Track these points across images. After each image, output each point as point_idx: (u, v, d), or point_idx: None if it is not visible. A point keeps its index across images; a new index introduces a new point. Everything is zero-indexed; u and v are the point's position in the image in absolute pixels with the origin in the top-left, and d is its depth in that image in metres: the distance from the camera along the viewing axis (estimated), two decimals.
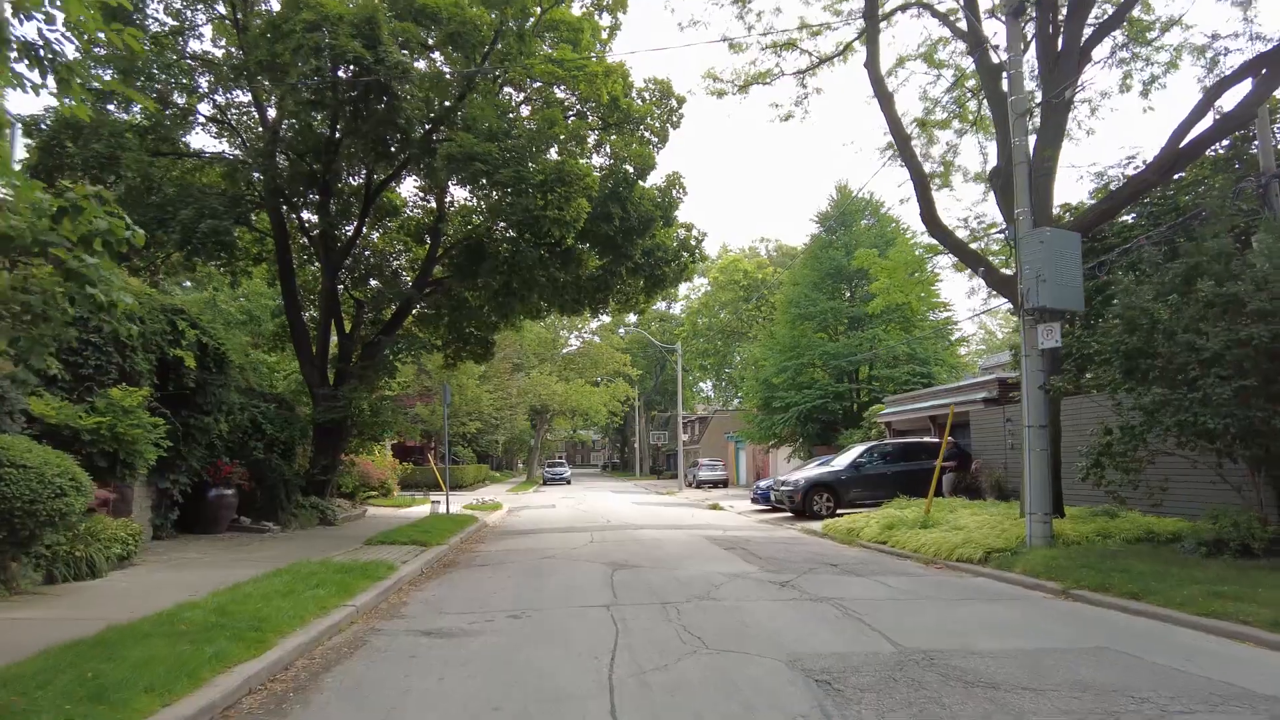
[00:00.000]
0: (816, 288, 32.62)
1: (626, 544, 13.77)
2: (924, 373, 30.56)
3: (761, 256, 55.77)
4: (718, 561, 11.18)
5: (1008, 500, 16.98)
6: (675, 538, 14.91)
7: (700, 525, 18.21)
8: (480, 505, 25.30)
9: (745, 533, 16.33)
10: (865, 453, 19.75)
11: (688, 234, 19.97)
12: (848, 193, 34.55)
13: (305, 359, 18.75)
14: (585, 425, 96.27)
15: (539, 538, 15.45)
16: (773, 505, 22.61)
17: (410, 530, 14.64)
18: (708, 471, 44.64)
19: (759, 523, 19.45)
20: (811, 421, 31.12)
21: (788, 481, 19.71)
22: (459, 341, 21.87)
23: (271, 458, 15.71)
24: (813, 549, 13.18)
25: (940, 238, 13.93)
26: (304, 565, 9.44)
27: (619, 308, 22.20)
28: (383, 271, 20.10)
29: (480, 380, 43.22)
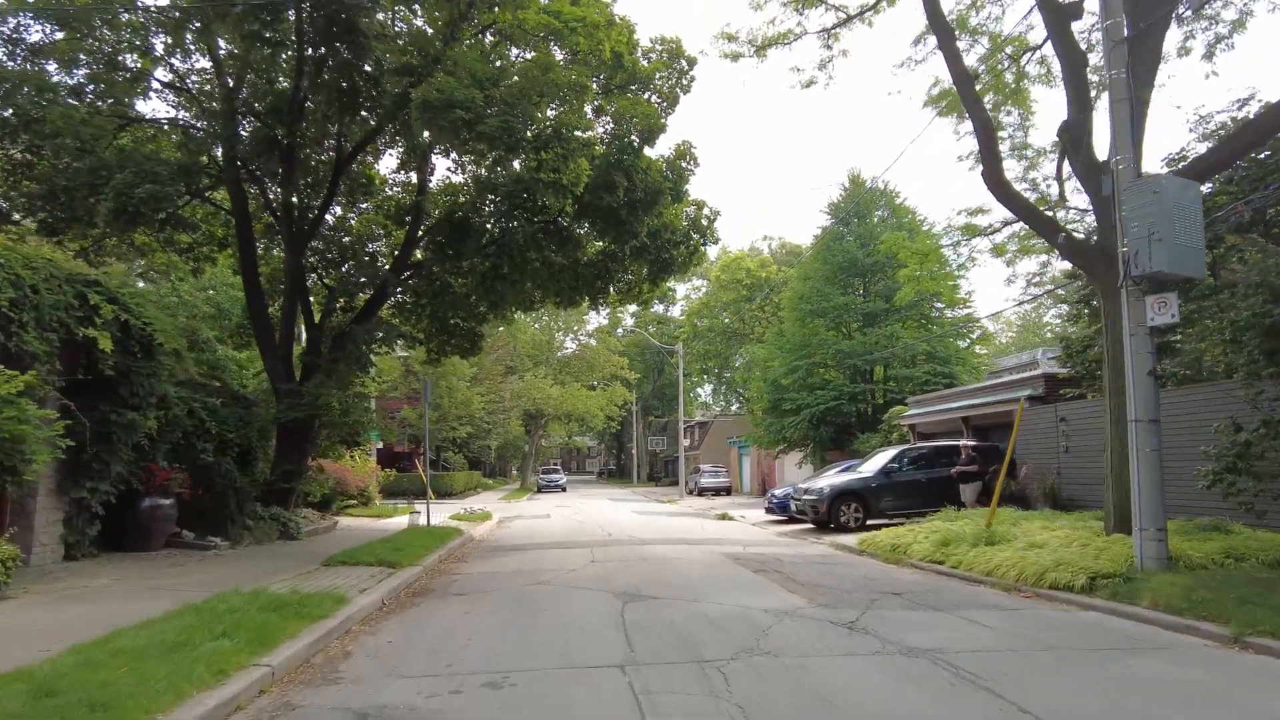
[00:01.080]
0: (829, 282, 30.56)
1: (633, 564, 11.62)
2: (945, 372, 28.51)
3: (765, 255, 53.75)
4: (752, 590, 9.04)
5: (1066, 510, 14.91)
6: (690, 556, 12.77)
7: (714, 539, 16.08)
8: (468, 515, 23.12)
9: (769, 549, 14.20)
10: (897, 457, 17.66)
11: (698, 212, 17.91)
12: (861, 182, 32.55)
13: (268, 351, 16.60)
14: (581, 431, 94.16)
15: (531, 555, 13.30)
16: (789, 515, 20.50)
17: (380, 547, 12.48)
18: (710, 478, 42.53)
19: (779, 536, 17.32)
20: (825, 425, 29.02)
21: (811, 489, 17.61)
22: (443, 334, 19.73)
23: (222, 462, 13.53)
24: (859, 571, 11.05)
25: (1007, 200, 11.87)
26: (226, 599, 7.28)
27: (620, 298, 20.09)
28: (357, 254, 17.94)
29: (471, 382, 41.05)
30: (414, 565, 11.28)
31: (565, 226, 16.91)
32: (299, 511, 16.54)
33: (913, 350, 29.16)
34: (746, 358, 51.48)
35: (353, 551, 11.90)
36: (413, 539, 13.91)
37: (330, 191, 16.13)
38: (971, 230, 18.25)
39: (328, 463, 24.26)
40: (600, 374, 57.50)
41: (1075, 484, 15.63)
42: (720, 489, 42.02)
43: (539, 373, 51.77)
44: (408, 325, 20.32)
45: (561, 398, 51.00)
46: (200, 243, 19.59)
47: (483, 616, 7.68)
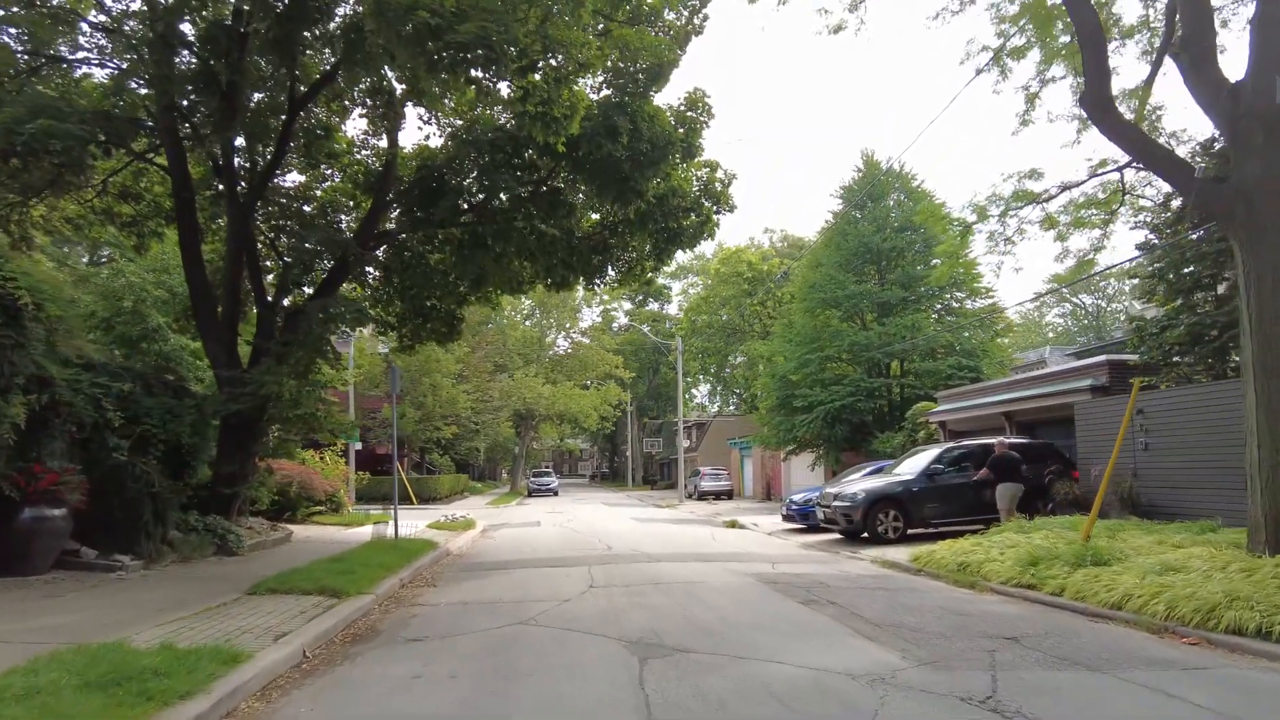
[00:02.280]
0: (842, 269, 28.21)
1: (645, 592, 9.19)
2: (971, 366, 26.21)
3: (766, 247, 51.43)
4: (815, 636, 6.63)
5: (1149, 518, 12.59)
6: (712, 579, 10.35)
7: (733, 554, 13.67)
8: (448, 524, 20.64)
9: (803, 567, 11.80)
10: (940, 458, 15.28)
11: (711, 175, 15.53)
12: (875, 164, 30.21)
13: (209, 332, 14.13)
14: (574, 433, 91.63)
15: (515, 577, 10.86)
16: (808, 524, 18.13)
17: (329, 568, 10.02)
18: (711, 482, 40.15)
19: (808, 549, 14.93)
20: (839, 423, 26.65)
21: (843, 495, 15.21)
22: (418, 318, 17.28)
23: (138, 463, 11.03)
24: (933, 600, 8.65)
25: (1115, 131, 9.52)
26: (43, 668, 4.82)
27: (621, 278, 17.67)
28: (316, 222, 15.44)
29: (457, 379, 38.56)
30: (365, 593, 8.83)
31: (557, 188, 14.50)
32: (243, 521, 14.03)
33: (935, 342, 26.87)
34: (746, 356, 49.13)
35: (290, 574, 9.43)
36: (373, 556, 11.46)
37: (281, 143, 13.66)
38: (1024, 197, 15.93)
39: (292, 465, 21.79)
40: (594, 373, 55.02)
41: (1157, 487, 13.29)
42: (721, 493, 39.65)
43: (530, 371, 49.27)
44: (378, 309, 17.89)
45: (553, 397, 48.49)
46: (146, 215, 17.15)
47: (436, 687, 5.23)
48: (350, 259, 14.08)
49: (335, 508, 22.75)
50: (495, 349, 47.53)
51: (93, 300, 19.74)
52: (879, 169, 29.94)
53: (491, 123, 13.92)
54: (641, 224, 15.36)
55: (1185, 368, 14.12)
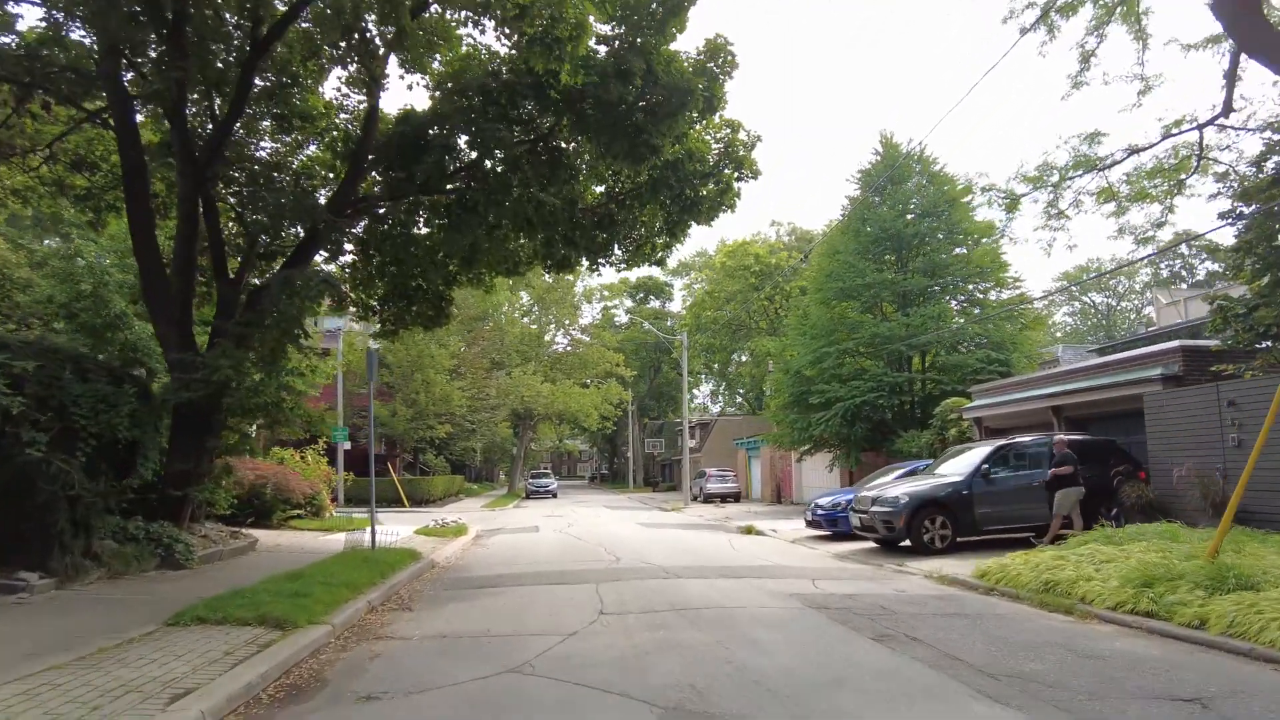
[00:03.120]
0: (861, 256, 26.40)
1: (670, 622, 7.36)
2: (1000, 359, 24.41)
3: (774, 240, 49.63)
4: (919, 698, 4.82)
5: (1244, 524, 10.77)
6: (747, 601, 8.54)
7: (762, 567, 11.84)
8: (437, 529, 18.83)
9: (850, 584, 9.98)
10: (993, 456, 13.44)
11: (732, 136, 13.73)
12: (894, 146, 28.39)
13: (160, 311, 12.29)
14: (573, 433, 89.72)
15: (508, 599, 9.03)
16: (836, 530, 16.34)
17: (279, 588, 8.19)
18: (717, 483, 38.32)
19: (845, 561, 13.11)
20: (860, 421, 24.82)
21: (883, 499, 13.39)
22: (402, 299, 15.46)
23: (55, 460, 9.19)
24: (1037, 634, 6.84)
25: (1262, 42, 7.71)
26: None
27: (629, 257, 15.85)
28: (285, 188, 13.57)
29: (452, 376, 36.72)
30: (319, 623, 7.01)
31: (558, 147, 12.68)
32: (198, 528, 12.18)
33: (963, 334, 25.09)
34: (752, 353, 47.30)
35: (230, 598, 7.60)
36: (340, 571, 9.64)
37: (240, 92, 11.82)
38: (1085, 163, 14.15)
39: (268, 465, 20.00)
40: (594, 371, 53.16)
41: (1256, 490, 11.46)
42: (728, 495, 37.83)
43: (528, 369, 47.39)
44: (358, 291, 16.08)
45: (552, 396, 46.61)
46: (104, 187, 15.38)
47: None
48: (321, 227, 12.24)
49: (316, 511, 20.93)
50: (493, 344, 45.70)
51: (50, 285, 17.93)
52: (898, 152, 28.13)
53: (484, 69, 12.10)
54: (654, 191, 13.57)
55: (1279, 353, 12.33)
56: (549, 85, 11.68)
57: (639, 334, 69.70)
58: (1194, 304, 34.66)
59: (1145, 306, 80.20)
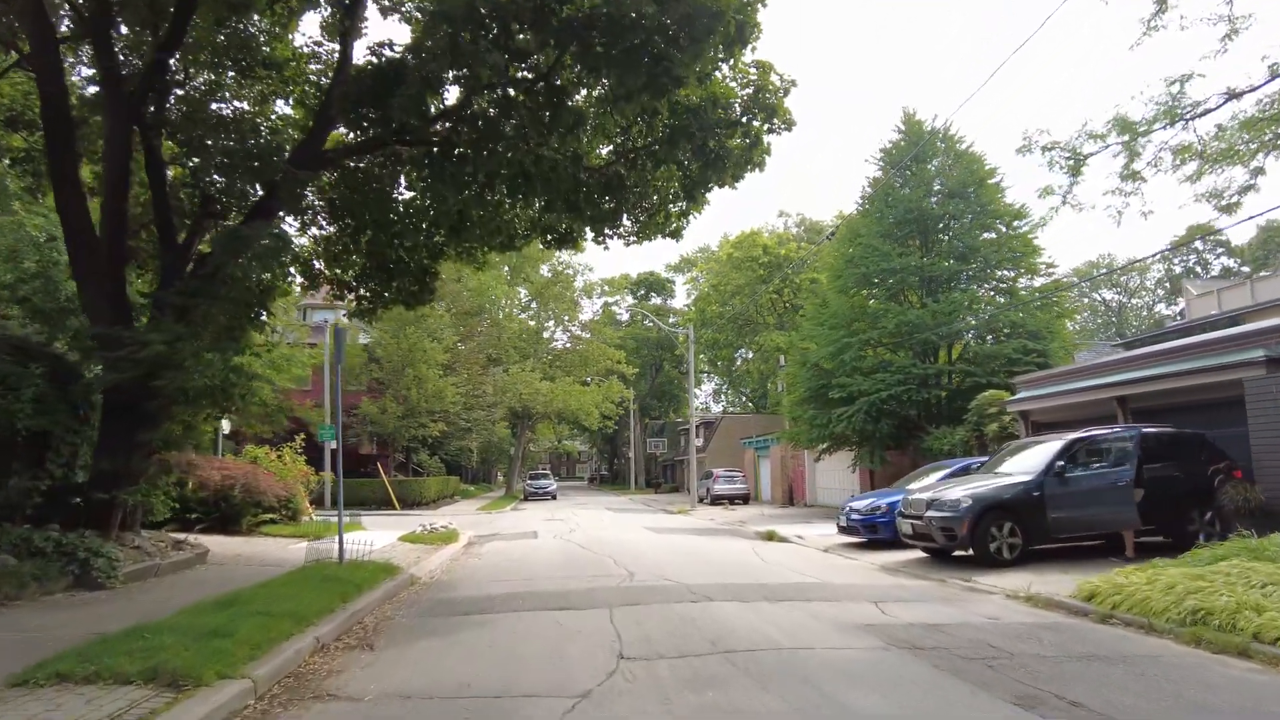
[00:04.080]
0: (885, 239, 24.49)
1: (719, 675, 5.39)
2: (1038, 349, 22.50)
3: (783, 231, 47.70)
4: None
5: None
6: (810, 637, 6.60)
7: (805, 584, 9.89)
8: (424, 536, 16.87)
9: (925, 609, 8.04)
10: (1067, 452, 11.48)
11: (763, 77, 11.78)
12: (917, 123, 26.50)
13: (86, 276, 10.36)
14: (572, 434, 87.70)
15: (498, 632, 7.08)
16: (873, 537, 14.42)
17: (199, 621, 6.25)
18: (725, 484, 36.37)
19: (895, 575, 11.17)
20: (885, 417, 22.88)
21: (942, 502, 11.43)
22: (380, 274, 13.51)
23: None
24: (1237, 694, 4.90)
25: None
26: None
27: (640, 227, 13.91)
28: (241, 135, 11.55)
29: (446, 371, 34.75)
30: (235, 676, 5.06)
31: (559, 86, 10.74)
32: (130, 538, 10.20)
33: (997, 322, 23.18)
34: (758, 349, 45.38)
35: (121, 640, 5.63)
36: (290, 594, 7.69)
37: (182, 10, 9.87)
38: (1169, 115, 12.22)
39: (238, 464, 18.06)
40: (595, 368, 51.20)
41: None
42: (736, 497, 35.88)
43: (527, 366, 45.42)
44: (330, 265, 14.14)
45: (551, 393, 44.63)
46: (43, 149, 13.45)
47: None
48: (280, 179, 10.28)
49: (292, 515, 18.94)
50: (489, 339, 43.75)
51: None
52: (921, 129, 26.22)
53: None
54: (671, 144, 11.63)
55: None
56: (550, 9, 9.76)
57: (640, 330, 67.75)
58: (1229, 294, 32.84)
59: (1156, 304, 78.55)
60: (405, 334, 32.60)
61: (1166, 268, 74.25)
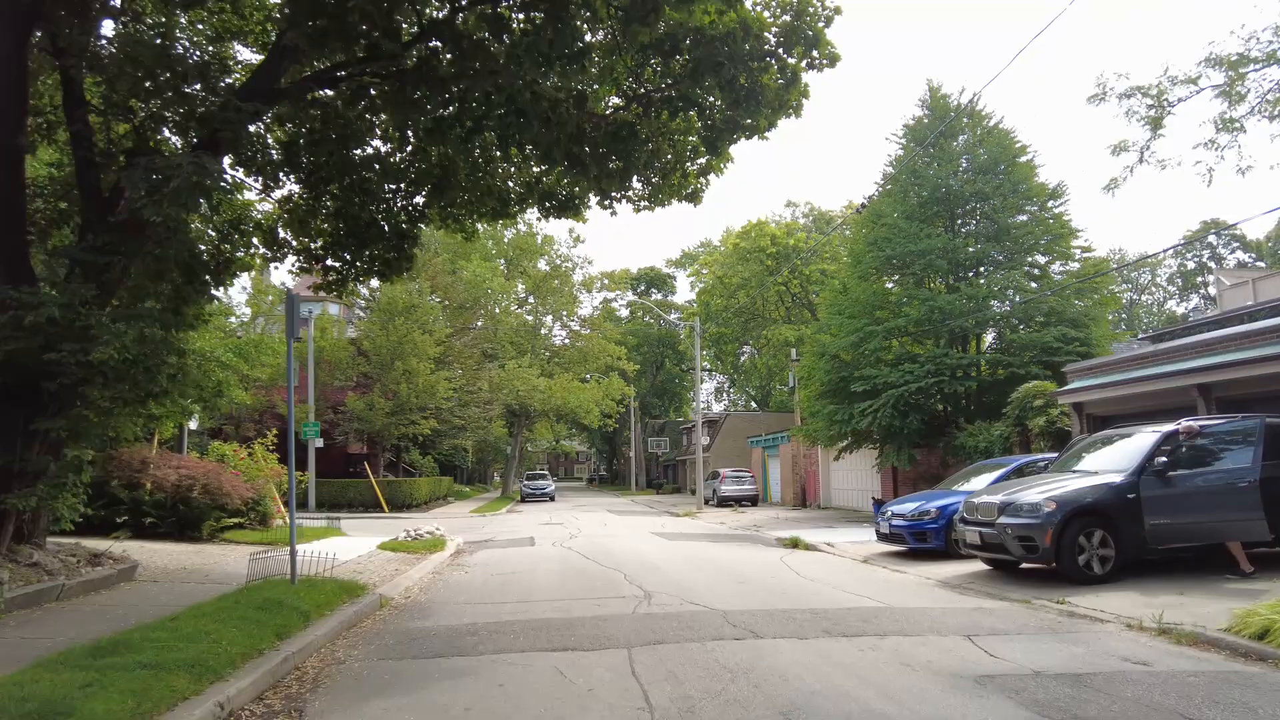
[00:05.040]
0: (911, 220, 22.62)
1: None
2: (1079, 337, 20.67)
3: (790, 221, 45.81)
4: None
5: None
6: (914, 699, 4.71)
7: (864, 610, 7.98)
8: (408, 543, 14.99)
9: (1036, 648, 6.17)
10: (1167, 444, 9.58)
11: (801, 1, 9.90)
12: (942, 97, 24.62)
13: None
14: (570, 434, 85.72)
15: (477, 687, 5.17)
16: (917, 546, 12.55)
17: (44, 685, 4.33)
18: (733, 485, 34.48)
19: (963, 594, 9.29)
20: (914, 411, 21.01)
21: (1018, 505, 9.55)
22: (352, 240, 11.59)
23: None
24: None
25: None
26: None
27: (652, 190, 12.01)
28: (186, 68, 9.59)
29: (437, 365, 32.81)
30: None
31: (564, 2, 8.84)
32: (28, 552, 8.25)
33: (1034, 308, 21.32)
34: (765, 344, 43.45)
35: None
36: (205, 629, 5.79)
37: None
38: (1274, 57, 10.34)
39: (196, 462, 16.15)
40: (595, 365, 49.28)
41: None
42: (745, 498, 34.01)
43: (524, 362, 43.48)
44: (299, 236, 12.20)
45: (550, 390, 42.69)
46: None
47: None
48: (222, 113, 8.35)
49: (261, 519, 17.03)
50: (485, 334, 41.81)
51: None
52: (947, 104, 24.35)
53: None
54: (694, 78, 9.73)
55: None
56: None
57: (640, 326, 65.87)
58: (1264, 284, 31.05)
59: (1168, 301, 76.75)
60: (394, 325, 30.69)
61: (1180, 263, 72.51)
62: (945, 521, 12.30)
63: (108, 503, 14.83)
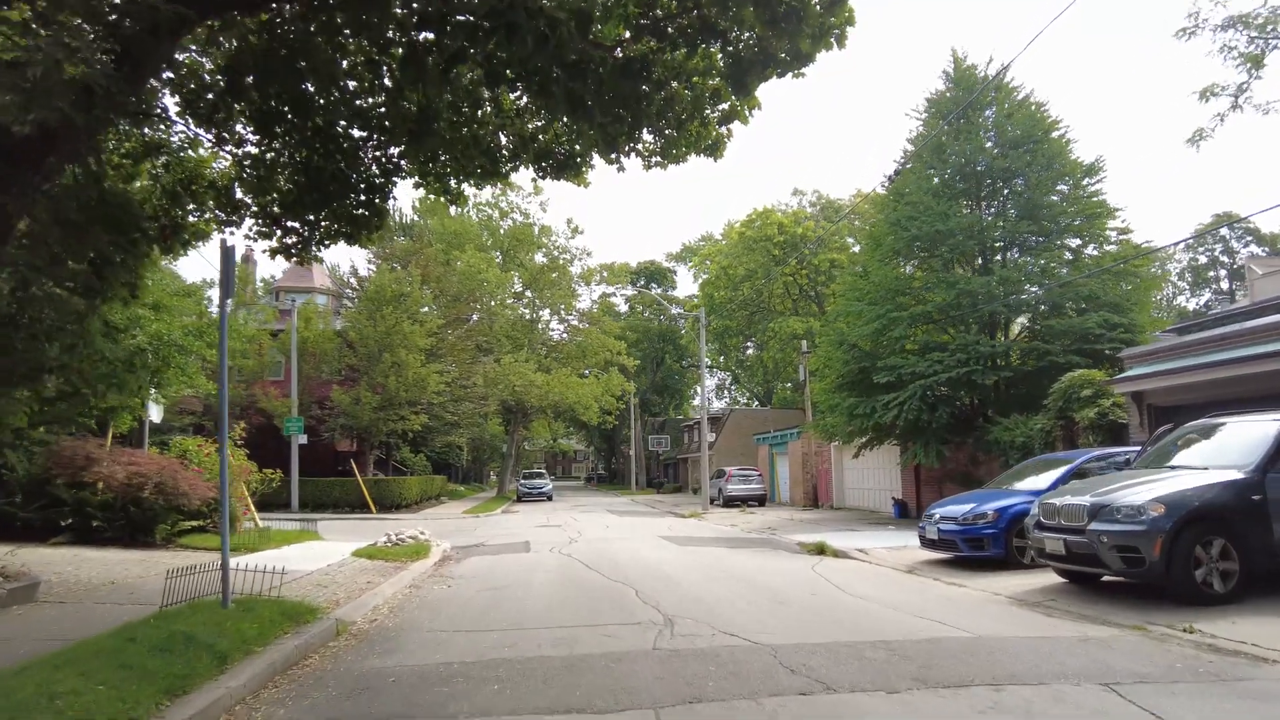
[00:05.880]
0: (939, 197, 20.95)
1: None
2: (1123, 323, 19.02)
3: (796, 209, 44.10)
4: None
5: None
6: None
7: (949, 642, 6.28)
8: (387, 549, 13.30)
9: (1206, 707, 4.48)
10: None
11: None
12: (968, 69, 22.91)
13: None
14: (567, 432, 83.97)
15: None
16: (968, 554, 10.88)
17: None
18: (739, 484, 32.84)
19: (1052, 616, 7.60)
20: (942, 404, 19.32)
21: (1115, 508, 7.87)
22: (315, 196, 9.86)
23: None
24: None
25: None
26: None
27: (666, 144, 10.27)
28: None
29: (429, 357, 31.08)
30: None
31: None
32: None
33: (1071, 291, 19.66)
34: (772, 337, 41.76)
35: None
36: (65, 683, 4.08)
37: None
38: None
39: (149, 458, 14.43)
40: (594, 360, 47.56)
41: None
42: (753, 498, 32.37)
43: (520, 356, 41.73)
44: (259, 196, 10.48)
45: (547, 386, 40.96)
46: None
47: None
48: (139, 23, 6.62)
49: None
50: (480, 327, 40.08)
51: None
52: (973, 75, 22.68)
53: None
54: (720, 4, 8.04)
55: None
56: None
57: (640, 321, 64.14)
58: None
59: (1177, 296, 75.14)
60: (383, 314, 28.96)
61: (1191, 258, 70.91)
62: (1005, 526, 10.64)
63: (48, 503, 13.21)
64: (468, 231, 45.57)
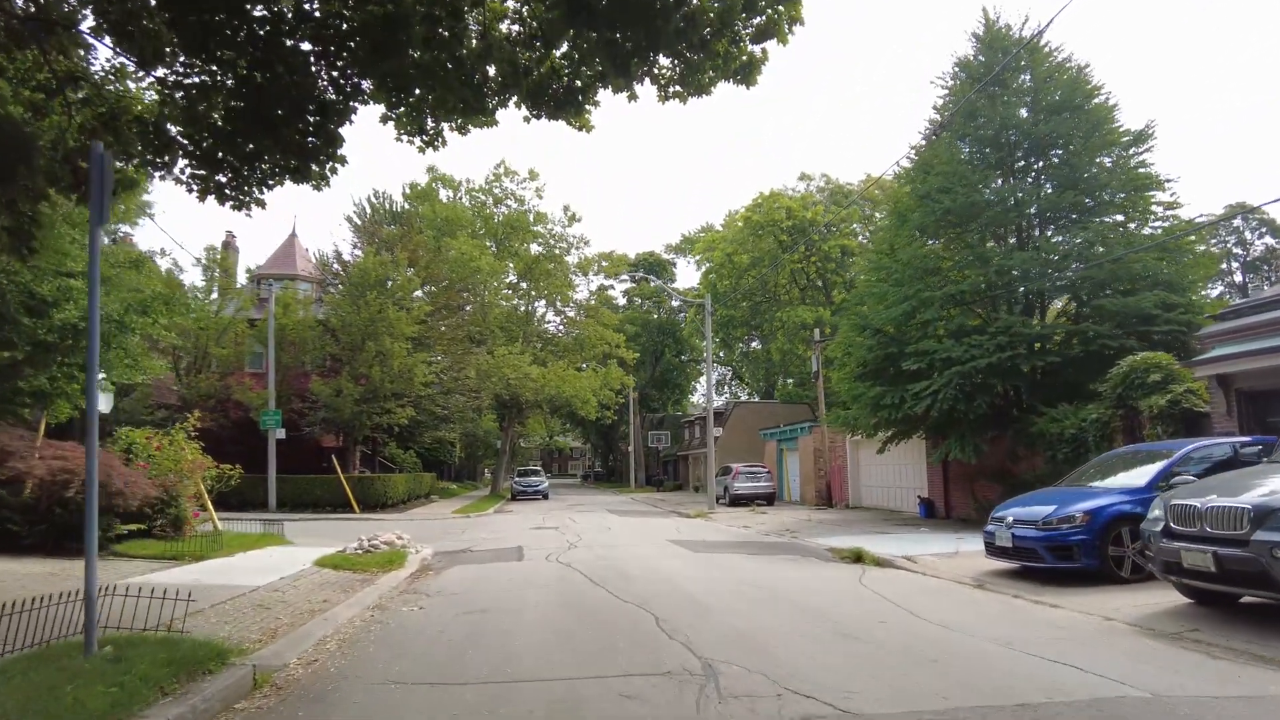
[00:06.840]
0: (973, 167, 19.06)
1: None
2: (1180, 303, 17.17)
3: (804, 193, 42.18)
4: None
5: None
6: None
7: (1109, 704, 4.40)
8: (358, 557, 11.40)
9: None
10: None
11: None
12: (1000, 32, 21.02)
13: None
14: (563, 429, 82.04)
15: None
16: (1059, 566, 9.02)
17: None
18: (747, 482, 31.04)
19: (1213, 655, 5.73)
20: (980, 393, 17.44)
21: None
22: (257, 125, 7.92)
23: None
24: None
25: None
26: None
27: (685, 72, 8.34)
28: None
29: (416, 346, 29.12)
30: None
31: None
32: None
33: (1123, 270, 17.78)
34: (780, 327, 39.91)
35: None
36: None
37: None
38: None
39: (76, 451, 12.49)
40: (591, 353, 45.59)
41: None
42: (761, 496, 30.55)
43: (515, 348, 39.77)
44: (193, 131, 8.53)
45: (543, 379, 39.01)
46: None
47: None
48: None
49: (174, 524, 13.41)
50: (474, 317, 38.12)
51: None
52: (1006, 37, 20.75)
53: None
54: None
55: None
56: None
57: (638, 314, 62.22)
58: None
59: None
60: (366, 300, 26.99)
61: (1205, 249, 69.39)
62: (1099, 531, 8.78)
63: None
64: (460, 219, 43.55)
